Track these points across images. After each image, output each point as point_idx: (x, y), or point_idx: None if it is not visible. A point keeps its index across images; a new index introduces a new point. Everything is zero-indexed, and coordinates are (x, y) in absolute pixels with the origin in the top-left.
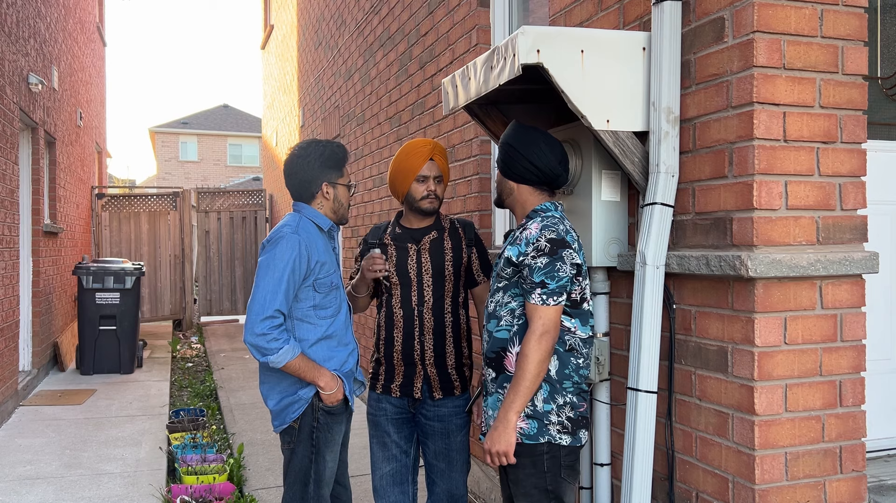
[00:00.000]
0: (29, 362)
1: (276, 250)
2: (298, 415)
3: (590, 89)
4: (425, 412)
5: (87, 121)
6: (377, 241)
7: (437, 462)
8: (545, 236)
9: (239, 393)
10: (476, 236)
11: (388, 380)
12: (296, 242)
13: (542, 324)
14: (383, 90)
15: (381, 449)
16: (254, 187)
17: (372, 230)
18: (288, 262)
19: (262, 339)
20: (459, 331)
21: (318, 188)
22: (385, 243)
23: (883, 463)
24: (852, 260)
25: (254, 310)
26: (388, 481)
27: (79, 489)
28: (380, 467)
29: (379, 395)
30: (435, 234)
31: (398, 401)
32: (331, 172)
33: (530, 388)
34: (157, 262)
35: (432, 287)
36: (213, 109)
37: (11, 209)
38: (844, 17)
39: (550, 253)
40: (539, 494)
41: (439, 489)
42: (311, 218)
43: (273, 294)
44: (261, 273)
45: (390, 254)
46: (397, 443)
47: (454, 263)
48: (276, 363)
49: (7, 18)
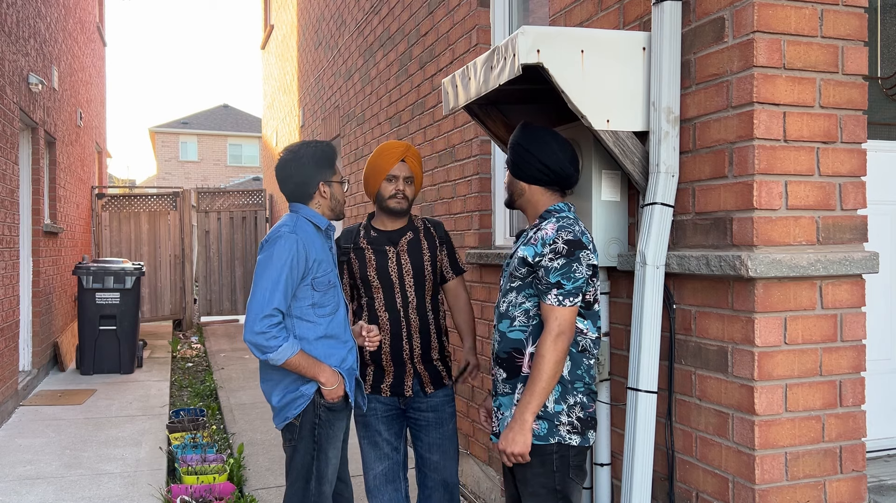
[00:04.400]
0: (29, 362)
1: (273, 249)
2: (300, 411)
3: (590, 89)
4: (418, 405)
5: (87, 121)
6: (351, 245)
7: (430, 455)
8: (562, 237)
9: (239, 393)
10: (445, 234)
11: (377, 380)
12: (293, 241)
13: (557, 325)
14: (383, 90)
15: (372, 448)
16: (254, 187)
17: (344, 234)
18: (286, 261)
19: (261, 338)
20: (440, 327)
21: (315, 188)
22: (361, 247)
23: (883, 463)
24: (852, 260)
25: (253, 309)
26: (381, 480)
27: (79, 489)
28: (372, 467)
29: (368, 397)
30: (411, 235)
31: (388, 400)
32: (325, 171)
33: (546, 389)
34: (157, 262)
35: (414, 287)
36: (213, 109)
37: (11, 209)
38: (844, 17)
39: (567, 254)
40: (547, 494)
41: (433, 482)
42: (309, 217)
43: (272, 293)
44: (259, 272)
45: (368, 258)
46: (388, 440)
47: (431, 262)
48: (276, 360)
49: (7, 18)
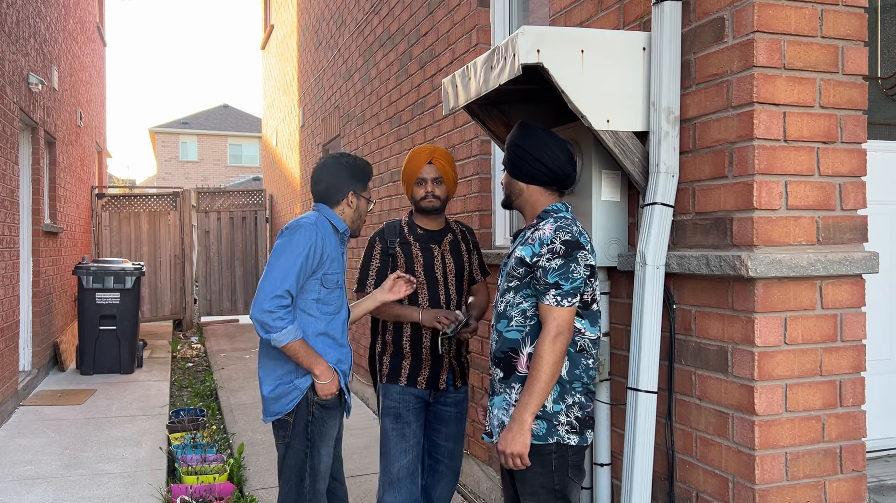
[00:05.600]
0: (29, 362)
1: (294, 236)
2: (293, 406)
3: (590, 89)
4: (445, 400)
5: (87, 121)
6: (397, 239)
7: (446, 443)
8: (560, 237)
9: (239, 393)
10: (475, 240)
11: (413, 373)
12: (314, 232)
13: (556, 325)
14: (383, 90)
15: (401, 440)
16: (254, 187)
17: (387, 228)
18: (304, 248)
19: (268, 316)
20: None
21: (345, 196)
22: (408, 242)
23: (883, 463)
24: (852, 260)
25: (265, 288)
26: (405, 472)
27: (79, 489)
28: (398, 459)
29: (403, 388)
30: (451, 237)
31: (422, 393)
32: (357, 184)
33: (545, 390)
34: (157, 262)
35: (455, 286)
36: (213, 109)
37: (11, 209)
38: (844, 17)
39: (565, 254)
40: (546, 494)
41: (444, 467)
42: (329, 218)
43: (286, 275)
44: (276, 254)
45: (415, 254)
46: (415, 433)
47: (469, 264)
48: (278, 342)
49: (7, 18)
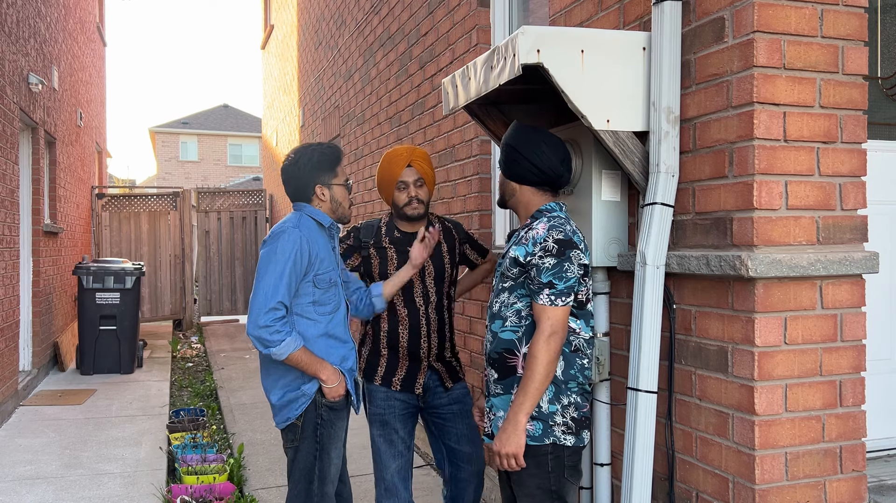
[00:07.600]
0: (29, 362)
1: (277, 244)
2: (302, 411)
3: (590, 89)
4: (440, 401)
5: (87, 121)
6: (370, 241)
7: (461, 447)
8: (553, 237)
9: (239, 393)
10: (466, 233)
11: (388, 372)
12: (297, 237)
13: (550, 325)
14: (383, 90)
15: (388, 446)
16: (254, 187)
17: (364, 228)
18: (290, 256)
19: (265, 331)
20: (452, 326)
21: (313, 191)
22: (384, 246)
23: (883, 463)
24: (852, 260)
25: (257, 303)
26: (397, 478)
27: (79, 489)
28: (388, 465)
29: (388, 393)
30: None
31: (406, 397)
32: (323, 175)
33: (540, 390)
34: (157, 262)
35: (434, 288)
36: (213, 109)
37: (11, 209)
38: (844, 17)
39: (558, 254)
40: (543, 495)
41: (466, 473)
42: (312, 215)
43: (275, 287)
44: (262, 267)
45: (390, 256)
46: (403, 439)
47: (451, 263)
48: (279, 355)
49: (7, 18)
